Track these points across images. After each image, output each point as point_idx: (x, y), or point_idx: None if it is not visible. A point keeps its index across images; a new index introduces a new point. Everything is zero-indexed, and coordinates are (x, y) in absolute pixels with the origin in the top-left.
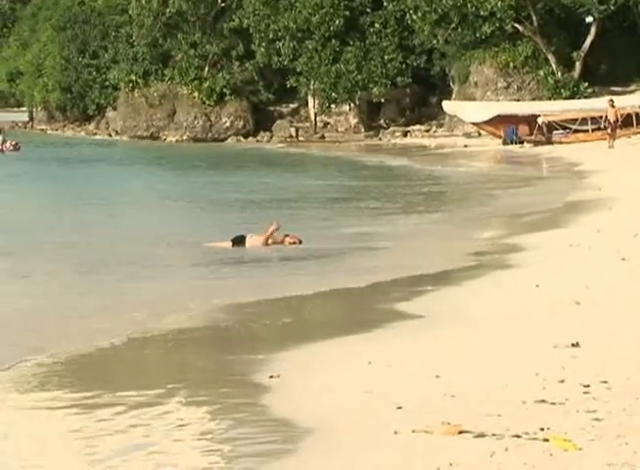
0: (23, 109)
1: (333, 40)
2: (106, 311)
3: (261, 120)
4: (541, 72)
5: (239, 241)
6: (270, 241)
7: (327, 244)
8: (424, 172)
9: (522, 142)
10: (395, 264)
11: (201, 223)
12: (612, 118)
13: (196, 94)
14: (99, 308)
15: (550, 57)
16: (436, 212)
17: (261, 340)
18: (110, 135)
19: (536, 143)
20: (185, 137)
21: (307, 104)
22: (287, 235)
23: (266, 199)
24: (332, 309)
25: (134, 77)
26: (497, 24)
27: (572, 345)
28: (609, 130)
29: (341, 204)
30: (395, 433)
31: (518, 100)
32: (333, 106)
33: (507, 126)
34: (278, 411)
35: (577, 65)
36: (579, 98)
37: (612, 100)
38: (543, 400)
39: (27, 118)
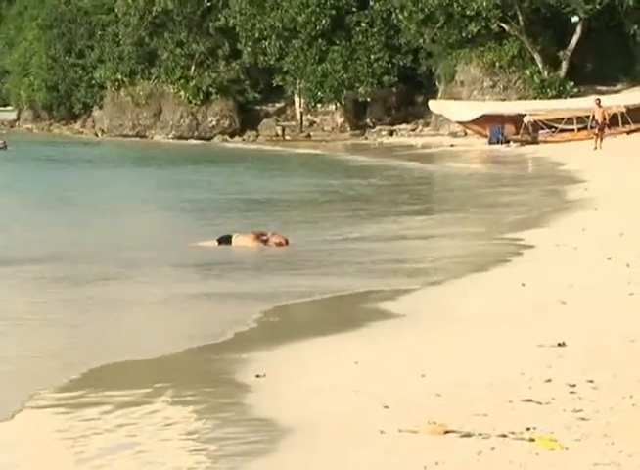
0: (9, 108)
1: (319, 39)
2: (92, 309)
3: (247, 120)
4: (527, 72)
5: (225, 240)
6: (261, 239)
7: (314, 245)
8: (411, 171)
9: (507, 141)
10: (380, 265)
11: (186, 225)
12: (599, 118)
13: (182, 93)
14: (82, 307)
15: (536, 56)
16: (422, 213)
17: (247, 339)
18: (96, 134)
19: (522, 142)
20: (171, 136)
21: (293, 103)
22: (273, 234)
23: (254, 199)
24: (318, 309)
25: (120, 76)
26: (483, 24)
27: (559, 344)
28: (596, 130)
29: (328, 205)
30: (381, 432)
31: (504, 99)
32: (319, 105)
33: (493, 126)
34: (264, 411)
35: (563, 64)
36: (565, 97)
37: (598, 99)
38: (529, 400)
39: (15, 117)
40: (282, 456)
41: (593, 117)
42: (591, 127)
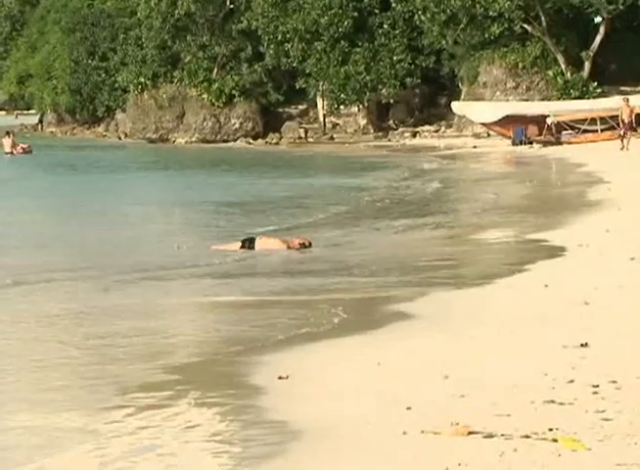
0: (32, 111)
1: (341, 41)
2: (114, 312)
3: (270, 122)
4: (550, 73)
5: (249, 243)
6: (291, 245)
7: (336, 248)
8: (425, 170)
9: (531, 142)
10: (401, 265)
11: (206, 227)
12: (626, 119)
13: (205, 96)
14: (107, 309)
15: (559, 57)
16: (439, 213)
17: (269, 341)
18: (119, 137)
19: (545, 143)
20: (194, 139)
21: (316, 105)
22: (297, 236)
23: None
24: (339, 310)
25: (143, 79)
26: (506, 25)
27: (582, 345)
28: (622, 131)
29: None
30: (404, 433)
31: (527, 100)
32: (342, 107)
33: (516, 127)
34: (287, 412)
35: (586, 64)
36: (589, 98)
37: (627, 98)
38: (552, 401)
39: (37, 121)
40: (304, 458)
41: (620, 115)
42: (620, 127)
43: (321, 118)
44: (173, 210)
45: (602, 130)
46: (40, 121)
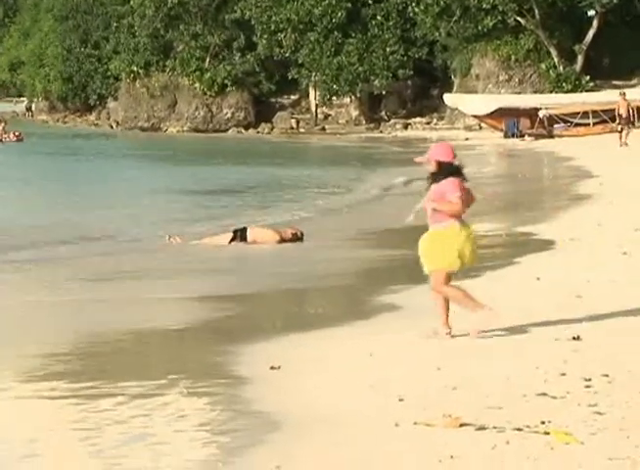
0: (23, 99)
1: (335, 32)
2: (106, 303)
3: (262, 112)
4: (543, 66)
5: (240, 233)
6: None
7: (328, 239)
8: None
9: (523, 135)
10: (390, 256)
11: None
12: (623, 113)
13: (197, 85)
14: (98, 302)
15: (552, 50)
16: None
17: (261, 331)
18: (111, 126)
19: (537, 136)
20: (186, 128)
21: (308, 96)
22: (291, 226)
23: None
24: (332, 301)
25: (135, 68)
26: (499, 17)
27: (574, 338)
28: (618, 126)
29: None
30: (397, 425)
31: (519, 93)
32: (334, 98)
33: (508, 119)
34: (278, 403)
35: (579, 58)
36: (581, 91)
37: (624, 92)
38: (544, 394)
39: (25, 108)
40: (295, 448)
41: (618, 110)
42: (619, 122)
43: (313, 109)
44: (165, 198)
45: (594, 124)
46: (28, 109)
